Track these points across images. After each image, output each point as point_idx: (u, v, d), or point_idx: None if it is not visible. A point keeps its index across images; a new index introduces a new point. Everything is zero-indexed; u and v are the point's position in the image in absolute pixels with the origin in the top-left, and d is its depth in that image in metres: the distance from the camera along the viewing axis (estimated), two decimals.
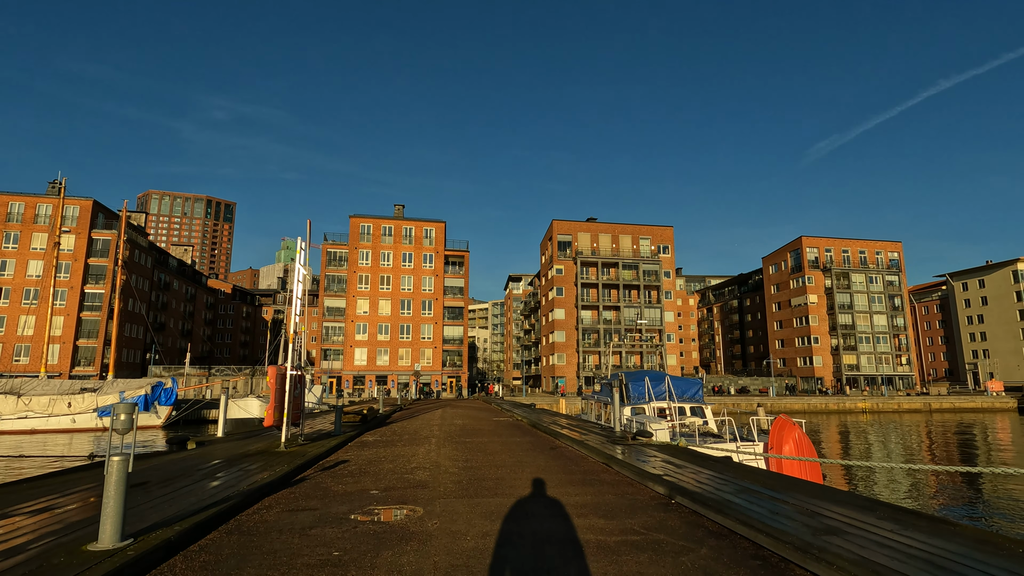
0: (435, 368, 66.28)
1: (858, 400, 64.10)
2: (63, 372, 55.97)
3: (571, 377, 69.99)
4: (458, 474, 8.49)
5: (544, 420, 19.03)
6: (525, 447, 12.06)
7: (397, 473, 8.58)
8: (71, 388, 40.47)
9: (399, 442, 13.04)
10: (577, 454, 10.89)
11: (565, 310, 71.68)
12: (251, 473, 7.96)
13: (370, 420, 17.77)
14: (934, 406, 65.32)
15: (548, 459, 10.14)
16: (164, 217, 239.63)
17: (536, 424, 17.46)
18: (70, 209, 59.19)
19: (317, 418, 20.64)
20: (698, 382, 19.13)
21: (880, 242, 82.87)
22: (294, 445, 11.13)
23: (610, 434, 13.94)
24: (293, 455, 9.87)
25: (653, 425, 15.36)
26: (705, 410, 18.80)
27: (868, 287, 79.37)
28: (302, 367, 11.93)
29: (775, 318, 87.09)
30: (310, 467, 9.21)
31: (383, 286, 66.55)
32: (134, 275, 65.98)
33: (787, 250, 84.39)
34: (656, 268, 73.84)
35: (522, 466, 9.23)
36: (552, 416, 21.97)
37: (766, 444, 14.25)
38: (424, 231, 69.35)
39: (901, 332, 79.28)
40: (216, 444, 11.78)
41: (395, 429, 16.65)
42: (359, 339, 64.77)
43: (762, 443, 14.31)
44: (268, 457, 9.63)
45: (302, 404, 11.91)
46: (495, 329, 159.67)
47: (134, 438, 5.83)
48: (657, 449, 10.46)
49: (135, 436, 5.66)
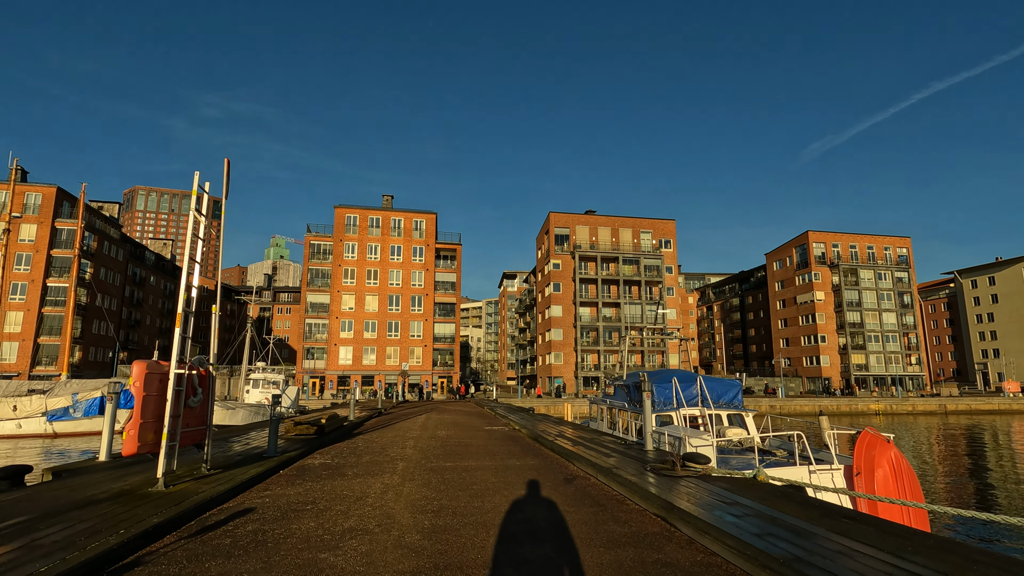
0: (425, 368, 62.53)
1: (870, 402, 60.94)
2: (22, 372, 51.85)
3: (569, 377, 66.46)
4: (418, 544, 4.91)
5: (548, 431, 15.45)
6: (527, 477, 8.48)
7: (314, 543, 4.98)
8: (17, 390, 36.50)
9: (352, 468, 9.40)
10: (608, 494, 7.31)
11: (563, 307, 68.15)
12: (36, 554, 4.33)
13: (328, 432, 14.10)
14: (949, 408, 62.27)
15: (566, 502, 6.57)
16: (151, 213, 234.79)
17: (538, 438, 13.86)
18: (32, 197, 55.00)
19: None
20: (736, 384, 15.59)
21: (888, 237, 79.86)
22: (184, 480, 7.48)
23: (640, 454, 10.36)
24: (168, 500, 6.24)
25: (692, 440, 11.80)
26: (746, 419, 15.27)
27: (877, 284, 76.28)
28: (209, 363, 8.22)
29: (780, 316, 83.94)
30: (176, 528, 5.57)
31: (370, 280, 62.71)
32: (104, 268, 61.86)
33: (792, 245, 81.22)
34: (658, 263, 70.44)
35: (528, 523, 5.66)
36: (555, 425, 18.38)
37: (848, 467, 10.74)
38: (414, 223, 65.54)
39: (911, 331, 76.26)
40: (79, 475, 8.09)
41: (358, 445, 13.00)
42: (344, 337, 60.90)
43: (843, 465, 10.80)
44: (121, 506, 5.99)
45: (207, 417, 8.24)
46: (489, 328, 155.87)
47: None
48: (728, 486, 6.91)
49: None
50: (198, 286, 78.38)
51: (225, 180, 9.41)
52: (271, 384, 34.64)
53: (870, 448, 10.33)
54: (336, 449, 12.02)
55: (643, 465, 8.86)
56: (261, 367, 35.96)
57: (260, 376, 34.74)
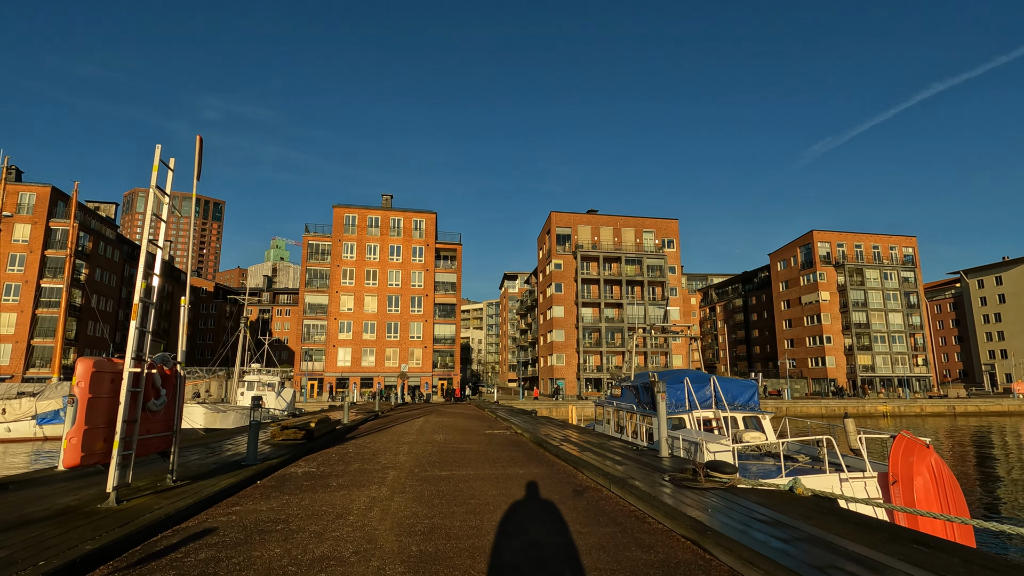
0: (425, 370, 61.59)
1: (878, 403, 59.90)
2: (15, 374, 51.00)
3: (571, 379, 65.49)
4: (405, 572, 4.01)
5: (552, 435, 14.54)
6: (532, 488, 7.57)
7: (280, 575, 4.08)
8: (6, 392, 35.71)
9: (338, 478, 8.50)
10: (625, 509, 6.41)
11: (564, 307, 67.21)
12: None
13: (318, 437, 13.20)
14: (958, 409, 61.21)
15: (578, 520, 5.67)
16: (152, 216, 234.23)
17: (542, 443, 12.95)
18: (25, 196, 54.20)
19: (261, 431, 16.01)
20: (752, 385, 14.67)
21: (894, 236, 78.81)
22: (143, 494, 6.58)
23: (655, 461, 9.46)
24: (114, 520, 5.35)
25: (710, 445, 10.89)
26: (763, 421, 14.34)
27: (883, 284, 75.25)
28: (172, 359, 7.33)
29: (784, 317, 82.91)
30: (115, 555, 4.67)
31: (369, 281, 61.82)
32: (99, 269, 61.05)
33: (797, 245, 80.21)
34: (661, 263, 69.49)
35: (535, 548, 4.75)
36: (559, 428, 17.47)
37: (883, 475, 9.81)
38: (413, 222, 64.65)
39: (917, 331, 75.17)
40: (27, 488, 7.19)
41: (348, 451, 12.10)
42: (343, 338, 59.99)
43: (877, 473, 9.87)
44: (56, 528, 5.10)
45: (174, 422, 7.34)
46: (490, 330, 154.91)
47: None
48: (763, 501, 6.00)
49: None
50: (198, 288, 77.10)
51: (197, 160, 8.58)
52: (266, 386, 33.72)
53: (907, 454, 9.41)
54: (324, 456, 11.12)
55: (660, 474, 7.95)
56: (256, 368, 35.05)
57: (255, 378, 33.83)
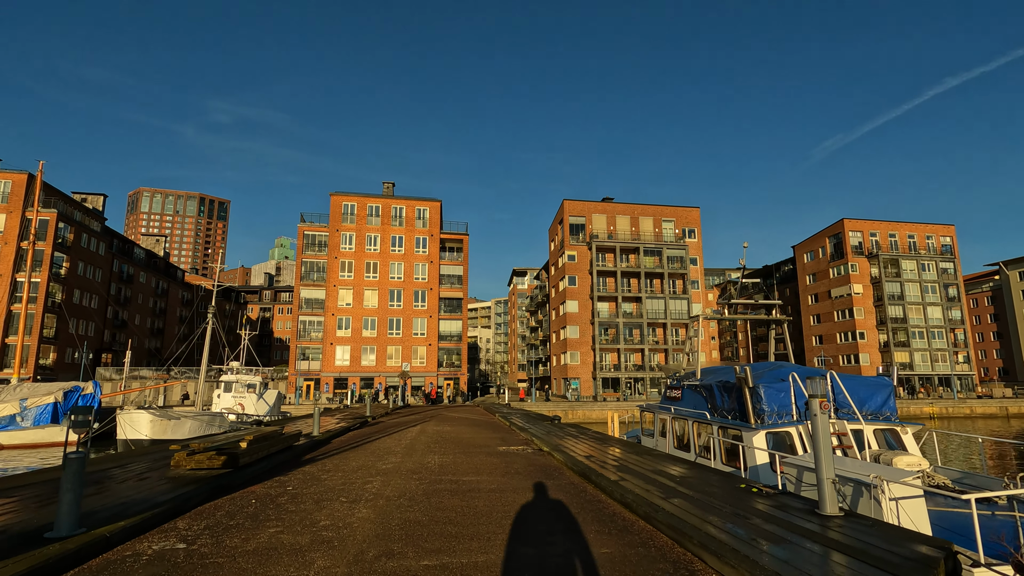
0: (429, 369, 57.25)
1: (924, 404, 54.88)
2: None
3: (586, 378, 60.92)
4: None
5: (595, 457, 10.08)
6: None
7: None
8: None
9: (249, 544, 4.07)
10: None
11: (578, 302, 62.62)
12: None
13: (251, 463, 8.80)
14: (1012, 411, 56.12)
15: None
16: (156, 215, 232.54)
17: (589, 475, 8.49)
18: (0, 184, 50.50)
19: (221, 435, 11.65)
20: (887, 383, 10.14)
21: (931, 225, 73.49)
22: None
23: (823, 525, 4.98)
24: None
25: (891, 487, 6.35)
26: (903, 437, 9.81)
27: (920, 275, 69.98)
28: None
29: (811, 312, 77.82)
30: None
31: (369, 274, 57.55)
32: (82, 263, 57.29)
33: (825, 235, 75.08)
34: (682, 254, 64.71)
35: None
36: (599, 444, 12.99)
37: None
38: (417, 211, 60.29)
39: (958, 326, 69.78)
40: None
41: (285, 490, 7.70)
42: (341, 335, 55.76)
43: None
44: None
45: None
46: (498, 328, 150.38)
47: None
48: None
49: None
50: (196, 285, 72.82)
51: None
52: (246, 387, 29.49)
53: None
54: (235, 504, 6.72)
55: (880, 573, 3.48)
56: (235, 367, 30.83)
57: (232, 378, 29.58)
